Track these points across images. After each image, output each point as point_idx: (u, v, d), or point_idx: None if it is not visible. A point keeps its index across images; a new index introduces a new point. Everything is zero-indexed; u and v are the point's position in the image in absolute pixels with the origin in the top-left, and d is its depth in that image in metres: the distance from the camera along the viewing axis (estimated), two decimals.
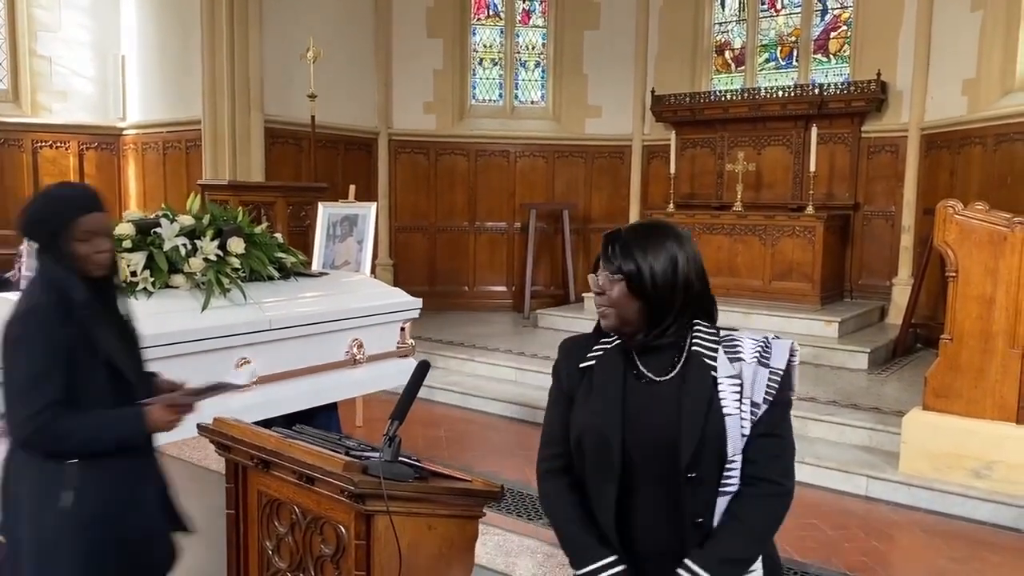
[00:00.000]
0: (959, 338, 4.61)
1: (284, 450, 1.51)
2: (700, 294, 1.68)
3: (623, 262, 1.63)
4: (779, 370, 1.62)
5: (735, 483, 1.59)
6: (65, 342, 1.98)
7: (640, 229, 1.71)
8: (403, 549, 1.44)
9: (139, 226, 3.16)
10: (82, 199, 2.11)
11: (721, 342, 1.65)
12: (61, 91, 8.69)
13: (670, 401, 1.61)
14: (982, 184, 6.94)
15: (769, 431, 1.61)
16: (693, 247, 1.70)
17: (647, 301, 1.62)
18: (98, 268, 2.08)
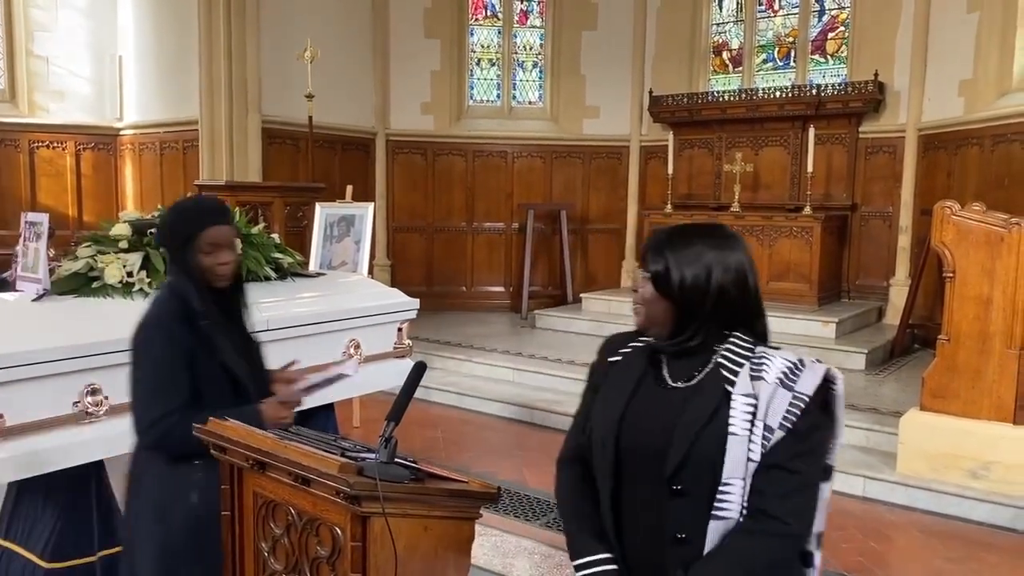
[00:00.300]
0: (956, 338, 4.61)
1: (279, 451, 1.51)
2: (738, 304, 1.57)
3: (653, 261, 1.59)
4: (804, 395, 1.47)
5: (731, 508, 1.47)
6: (186, 347, 2.08)
7: (682, 230, 1.63)
8: (399, 551, 1.43)
9: (135, 227, 3.15)
10: (207, 213, 2.19)
11: (751, 358, 1.53)
12: (58, 91, 8.68)
13: (674, 409, 1.54)
14: (979, 185, 6.95)
15: (781, 463, 1.46)
16: (739, 256, 1.58)
17: (674, 304, 1.56)
18: (220, 279, 2.17)
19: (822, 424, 1.52)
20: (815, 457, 1.51)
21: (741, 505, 1.46)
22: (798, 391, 1.48)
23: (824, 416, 1.53)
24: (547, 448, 5.42)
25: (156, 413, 2.04)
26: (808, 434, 1.47)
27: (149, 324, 2.15)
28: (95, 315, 2.83)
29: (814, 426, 1.49)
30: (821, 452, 1.53)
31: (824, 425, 1.53)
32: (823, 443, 1.53)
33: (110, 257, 2.98)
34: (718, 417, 1.49)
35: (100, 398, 2.74)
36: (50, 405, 2.61)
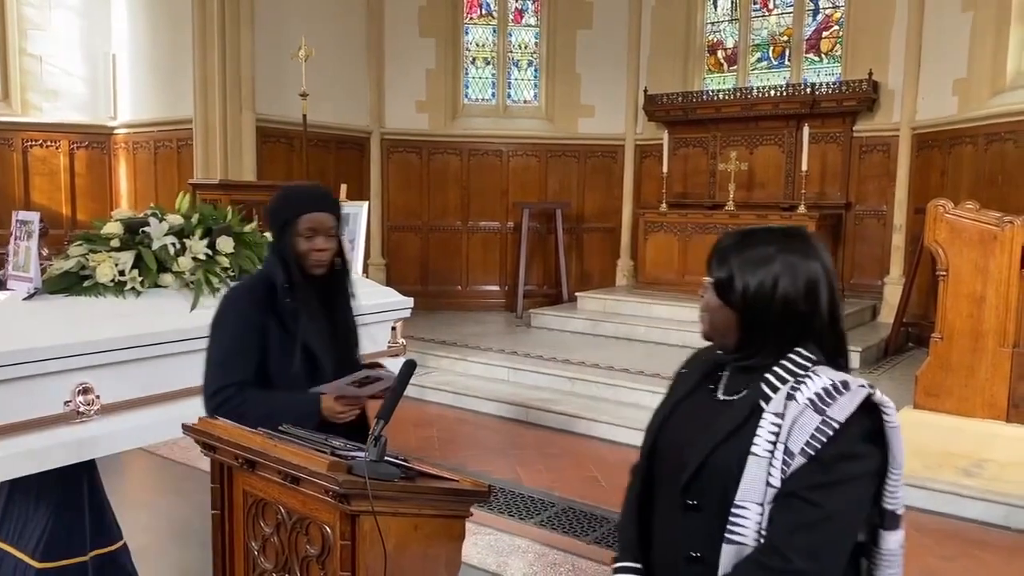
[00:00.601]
0: (949, 337, 4.63)
1: (269, 450, 1.50)
2: (807, 319, 1.44)
3: (717, 267, 1.49)
4: (834, 421, 1.32)
5: (746, 534, 1.35)
6: (258, 325, 2.14)
7: (752, 234, 1.51)
8: (389, 549, 1.43)
9: (128, 225, 3.14)
10: (308, 198, 2.22)
11: (800, 376, 1.40)
12: (51, 90, 8.65)
13: (710, 422, 1.45)
14: (973, 183, 6.97)
15: (798, 492, 1.32)
16: (812, 265, 1.44)
17: (738, 313, 1.45)
18: (316, 265, 2.18)
19: (859, 455, 1.35)
20: (842, 491, 1.33)
21: (758, 532, 1.35)
22: (829, 415, 1.33)
23: (867, 447, 1.36)
24: (542, 447, 5.42)
25: (215, 385, 2.13)
26: (833, 464, 1.32)
27: (226, 300, 2.25)
28: (86, 314, 2.81)
29: (843, 456, 1.33)
30: (853, 487, 1.35)
31: (863, 457, 1.35)
32: (856, 478, 1.35)
33: (102, 256, 2.96)
34: (742, 433, 1.39)
35: (92, 397, 2.72)
36: (41, 404, 2.59)
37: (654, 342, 7.41)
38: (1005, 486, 4.31)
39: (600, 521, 4.19)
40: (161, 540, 3.90)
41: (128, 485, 4.69)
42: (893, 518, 1.41)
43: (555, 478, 4.82)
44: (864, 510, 1.38)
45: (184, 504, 4.26)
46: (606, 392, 6.17)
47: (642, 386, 6.07)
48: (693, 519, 1.43)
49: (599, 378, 6.28)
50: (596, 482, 4.78)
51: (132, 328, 2.84)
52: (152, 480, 4.87)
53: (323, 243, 2.17)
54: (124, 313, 2.85)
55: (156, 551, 3.71)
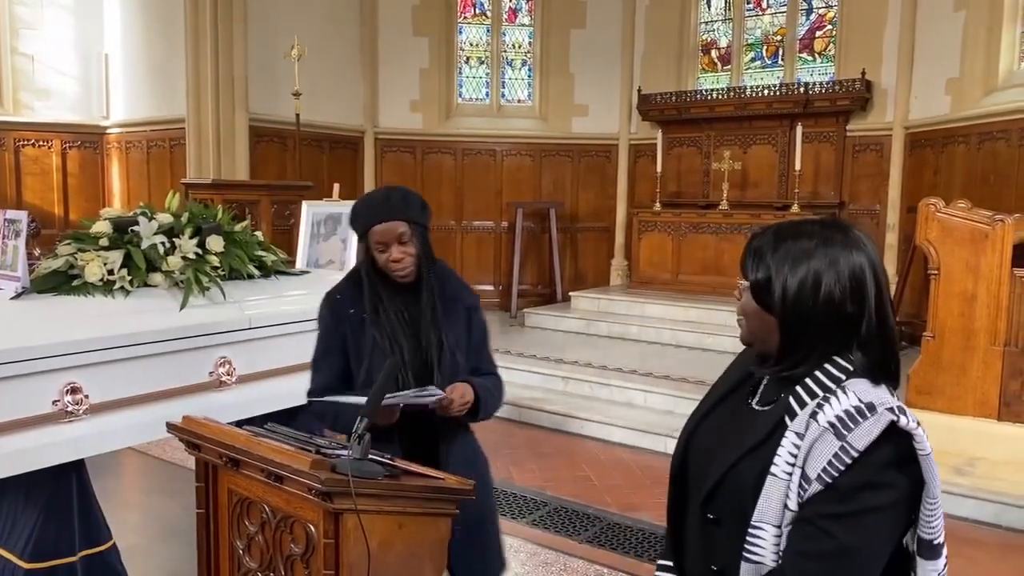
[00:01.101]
0: (941, 335, 4.64)
1: (253, 448, 1.50)
2: (855, 320, 1.31)
3: (753, 267, 1.36)
4: (853, 449, 1.22)
5: (762, 554, 1.28)
6: (337, 331, 2.18)
7: (789, 227, 1.38)
8: (372, 547, 1.42)
9: (117, 224, 3.13)
10: (369, 211, 2.14)
11: (831, 390, 1.30)
12: (43, 89, 8.62)
13: (737, 433, 1.37)
14: (965, 182, 6.99)
15: (814, 520, 1.24)
16: (857, 259, 1.32)
17: (778, 319, 1.33)
18: (397, 275, 2.13)
19: (882, 485, 1.24)
20: (861, 523, 1.24)
21: (776, 553, 1.27)
22: (848, 442, 1.22)
23: (892, 475, 1.25)
24: (534, 446, 5.42)
25: (310, 386, 2.23)
26: (853, 494, 1.22)
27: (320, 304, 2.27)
28: (75, 313, 2.80)
29: (864, 486, 1.23)
30: (874, 519, 1.24)
31: (886, 486, 1.24)
32: (878, 508, 1.24)
33: (90, 255, 2.94)
34: (763, 449, 1.31)
35: (80, 397, 2.71)
36: (28, 404, 2.58)
37: (648, 341, 7.41)
38: (996, 484, 4.32)
39: (592, 520, 4.19)
40: (150, 540, 3.89)
41: (118, 485, 4.68)
42: (931, 548, 1.30)
43: (548, 477, 4.82)
44: (888, 542, 1.28)
45: (174, 504, 4.24)
46: (599, 392, 6.17)
47: (635, 385, 6.07)
48: (714, 532, 1.37)
49: (592, 377, 6.28)
50: (589, 481, 4.78)
51: (121, 327, 2.83)
52: (143, 480, 4.85)
53: (397, 253, 2.10)
54: (113, 312, 2.84)
55: (145, 551, 3.70)
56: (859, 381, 1.29)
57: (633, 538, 3.99)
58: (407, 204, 2.13)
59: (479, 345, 2.29)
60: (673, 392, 5.88)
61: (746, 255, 1.39)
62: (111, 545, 2.96)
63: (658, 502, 4.44)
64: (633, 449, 5.38)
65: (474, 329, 2.27)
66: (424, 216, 2.18)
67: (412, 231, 2.11)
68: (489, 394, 2.19)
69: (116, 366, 2.79)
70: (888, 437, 1.24)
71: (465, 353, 2.21)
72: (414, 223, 2.12)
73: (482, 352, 2.30)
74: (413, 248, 2.12)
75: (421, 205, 2.18)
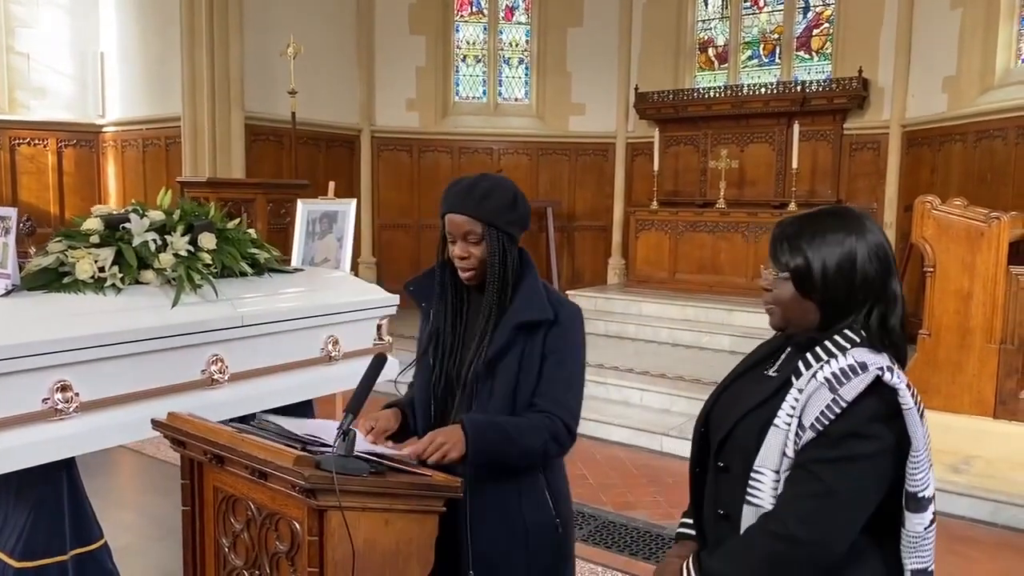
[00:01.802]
0: (937, 333, 4.63)
1: (237, 445, 1.48)
2: (880, 294, 1.45)
3: (791, 255, 1.46)
4: (843, 399, 1.36)
5: (762, 497, 1.42)
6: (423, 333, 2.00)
7: (811, 216, 1.50)
8: (358, 545, 1.41)
9: (108, 221, 3.11)
10: (446, 196, 1.90)
11: (836, 356, 1.43)
12: (39, 88, 8.60)
13: (752, 395, 1.51)
14: (962, 181, 6.98)
15: (806, 464, 1.38)
16: (878, 237, 1.46)
17: (817, 302, 1.45)
18: (461, 272, 1.90)
19: (868, 435, 1.37)
20: (847, 468, 1.36)
21: (774, 497, 1.42)
22: (840, 394, 1.37)
23: (878, 427, 1.37)
24: None
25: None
26: (841, 441, 1.36)
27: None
28: (65, 310, 2.78)
29: (851, 434, 1.36)
30: (859, 466, 1.37)
31: (872, 437, 1.37)
32: (863, 456, 1.37)
33: (81, 252, 2.93)
34: (769, 405, 1.45)
35: (70, 395, 2.70)
36: (18, 402, 2.56)
37: (644, 340, 7.39)
38: (992, 482, 4.32)
39: (588, 519, 4.18)
40: (142, 538, 3.88)
41: (112, 483, 4.66)
42: (915, 500, 1.42)
43: None
44: (872, 491, 1.40)
45: (167, 502, 4.22)
46: (596, 390, 6.16)
47: (631, 384, 6.06)
48: (723, 480, 1.51)
49: (589, 376, 6.22)
50: (584, 480, 4.77)
51: (112, 325, 2.81)
52: (135, 478, 4.84)
53: (460, 250, 1.87)
54: (103, 310, 2.82)
55: (137, 549, 3.69)
56: (862, 349, 1.42)
57: (628, 537, 3.98)
58: (487, 201, 1.84)
59: (549, 376, 1.89)
60: (670, 391, 5.87)
61: (778, 245, 1.49)
62: (102, 544, 2.95)
63: (654, 501, 4.46)
64: (629, 448, 5.37)
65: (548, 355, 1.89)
66: (507, 219, 1.87)
67: (485, 232, 1.84)
68: (503, 439, 1.77)
69: (107, 364, 2.78)
70: (874, 391, 1.37)
71: (515, 386, 1.85)
72: (489, 224, 1.84)
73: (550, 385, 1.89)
74: (480, 251, 1.86)
75: (508, 206, 1.87)
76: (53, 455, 2.68)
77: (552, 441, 1.83)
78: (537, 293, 1.90)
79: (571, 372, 1.93)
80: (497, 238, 1.86)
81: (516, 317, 1.84)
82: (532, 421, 1.82)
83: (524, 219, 1.92)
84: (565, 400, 1.88)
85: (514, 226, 1.89)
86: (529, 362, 1.85)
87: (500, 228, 1.86)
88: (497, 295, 1.87)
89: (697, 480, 1.63)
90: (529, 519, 1.85)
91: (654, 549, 3.85)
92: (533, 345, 1.86)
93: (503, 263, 1.87)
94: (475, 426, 1.73)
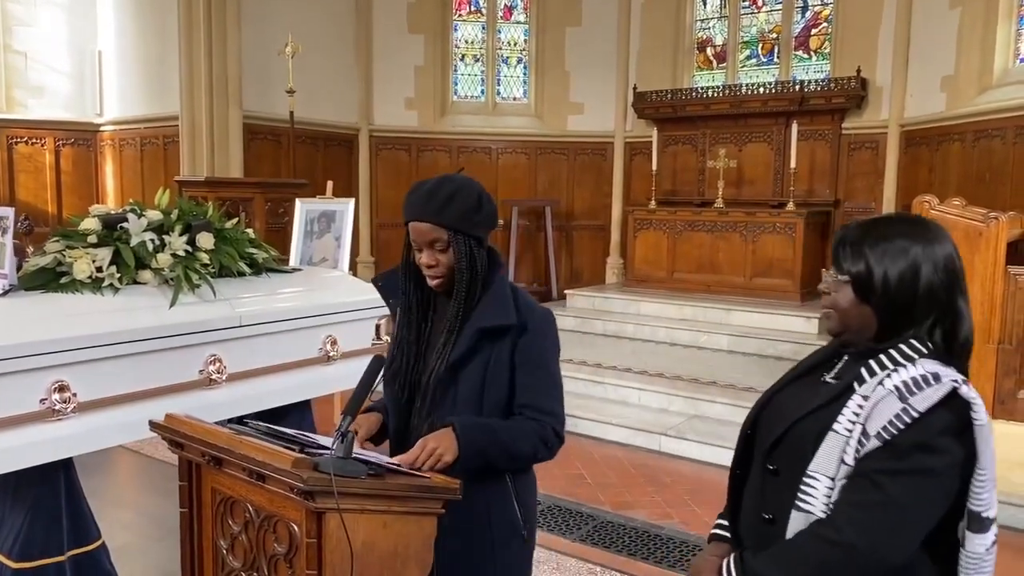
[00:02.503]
0: None
1: (235, 447, 1.48)
2: (945, 307, 1.41)
3: (852, 260, 1.43)
4: (915, 410, 1.31)
5: (814, 504, 1.38)
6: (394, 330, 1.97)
7: (878, 222, 1.47)
8: (356, 547, 1.41)
9: (105, 221, 3.11)
10: (410, 205, 1.85)
11: (900, 364, 1.39)
12: (37, 86, 8.60)
13: (808, 399, 1.47)
14: (961, 180, 6.98)
15: (868, 473, 1.33)
16: (948, 248, 1.42)
17: (876, 310, 1.42)
18: (430, 280, 1.86)
19: (937, 449, 1.32)
20: (911, 481, 1.32)
21: (827, 505, 1.37)
22: (911, 404, 1.32)
23: (948, 441, 1.32)
24: None
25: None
26: (908, 453, 1.31)
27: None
28: (63, 311, 2.78)
29: (920, 446, 1.31)
30: (925, 480, 1.32)
31: (941, 451, 1.32)
32: (930, 471, 1.32)
33: (78, 252, 2.92)
34: (828, 410, 1.41)
35: (68, 395, 2.70)
36: (15, 402, 2.56)
37: (642, 339, 7.39)
38: None
39: (585, 519, 4.18)
40: (140, 538, 3.88)
41: (110, 483, 4.66)
42: (978, 520, 1.37)
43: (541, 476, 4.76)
44: (936, 506, 1.35)
45: (166, 502, 4.22)
46: (594, 390, 6.16)
47: (629, 383, 6.06)
48: (772, 483, 1.47)
49: (587, 376, 6.27)
50: (582, 480, 4.77)
51: (109, 325, 2.81)
52: (134, 478, 4.83)
53: (427, 258, 1.83)
54: (101, 310, 2.82)
55: (135, 550, 3.68)
56: (931, 360, 1.39)
57: (626, 536, 3.98)
58: (450, 206, 1.79)
59: (527, 385, 1.84)
60: (667, 390, 5.88)
61: (841, 250, 1.46)
62: (100, 544, 2.95)
63: (652, 500, 4.46)
64: (627, 447, 5.37)
65: (520, 358, 1.84)
66: (473, 222, 1.82)
67: (450, 239, 1.80)
68: (493, 442, 1.75)
69: (104, 364, 2.78)
70: (948, 403, 1.32)
71: (480, 391, 1.82)
72: (455, 231, 1.80)
73: (532, 395, 1.84)
74: (447, 258, 1.82)
75: (472, 208, 1.82)
76: (51, 456, 2.68)
77: (542, 445, 1.83)
78: (503, 298, 1.85)
79: (550, 379, 1.88)
80: (465, 243, 1.81)
81: (479, 322, 1.80)
82: (523, 426, 1.81)
83: (491, 218, 1.88)
84: (551, 407, 1.85)
85: (481, 228, 1.85)
86: (497, 368, 1.82)
87: (466, 233, 1.81)
88: (463, 300, 1.83)
89: (737, 482, 1.61)
90: (496, 530, 1.84)
91: (652, 549, 3.85)
92: (500, 351, 1.82)
93: (471, 268, 1.83)
94: (466, 429, 1.71)
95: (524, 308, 1.86)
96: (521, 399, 1.83)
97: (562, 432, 1.87)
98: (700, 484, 4.71)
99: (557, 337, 1.93)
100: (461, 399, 1.80)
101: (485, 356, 1.81)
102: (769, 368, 6.36)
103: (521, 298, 1.89)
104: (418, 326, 1.91)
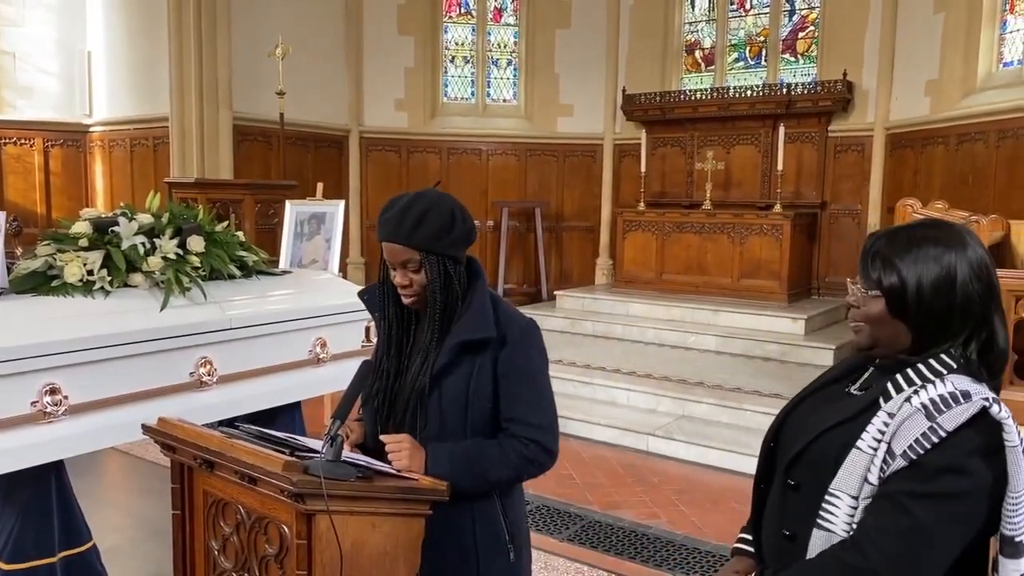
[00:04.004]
0: None
1: (226, 450, 1.51)
2: (979, 316, 1.34)
3: (883, 273, 1.36)
4: (942, 430, 1.25)
5: (835, 523, 1.33)
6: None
7: (908, 230, 1.39)
8: (345, 549, 1.45)
9: (96, 224, 3.13)
10: (382, 225, 1.80)
11: (928, 379, 1.33)
12: (26, 87, 8.57)
13: (831, 412, 1.42)
14: (944, 183, 7.07)
15: (894, 495, 1.27)
16: (980, 252, 1.35)
17: (911, 323, 1.35)
18: (404, 299, 1.83)
19: (966, 471, 1.25)
20: (940, 505, 1.25)
21: (849, 524, 1.32)
22: (939, 422, 1.25)
23: (977, 463, 1.26)
24: None
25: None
26: (936, 475, 1.25)
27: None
28: (54, 314, 2.80)
29: (948, 468, 1.25)
30: (954, 503, 1.26)
31: (970, 473, 1.25)
32: (959, 494, 1.25)
33: (70, 255, 2.94)
34: (851, 425, 1.35)
35: (59, 398, 2.72)
36: (6, 405, 2.58)
37: (631, 340, 7.45)
38: None
39: (573, 519, 4.22)
40: (132, 540, 3.90)
41: (101, 484, 4.67)
42: (1012, 544, 1.28)
43: None
44: (963, 532, 1.28)
45: (157, 504, 4.24)
46: (582, 390, 6.20)
47: (618, 384, 6.11)
48: (792, 499, 1.42)
49: (576, 376, 6.31)
50: (570, 480, 4.81)
51: (100, 328, 2.83)
52: (125, 480, 4.85)
53: (400, 278, 1.79)
54: (92, 313, 2.84)
55: (127, 551, 3.70)
56: (961, 376, 1.32)
57: (615, 536, 4.02)
58: (421, 227, 1.75)
59: (512, 397, 1.80)
60: (655, 391, 5.92)
61: (869, 259, 1.39)
62: (91, 546, 2.97)
63: (640, 500, 4.50)
64: (615, 447, 5.42)
65: (504, 376, 1.80)
66: (446, 242, 1.78)
67: (423, 260, 1.76)
68: (464, 472, 1.72)
69: (96, 367, 2.80)
70: (977, 423, 1.26)
71: (464, 406, 1.79)
72: (427, 251, 1.76)
73: (517, 408, 1.80)
74: (421, 278, 1.78)
75: (444, 228, 1.77)
76: (42, 458, 2.70)
77: (528, 465, 1.79)
78: (483, 310, 1.81)
79: (536, 390, 1.83)
80: (438, 263, 1.78)
81: (458, 336, 1.77)
82: (505, 449, 1.77)
83: (467, 235, 1.84)
84: (538, 420, 1.80)
85: (455, 247, 1.81)
86: (480, 381, 1.78)
87: (439, 253, 1.78)
88: (439, 320, 1.81)
89: (760, 496, 1.55)
90: (481, 545, 1.81)
91: (640, 549, 3.89)
92: (482, 363, 1.79)
93: (445, 288, 1.80)
94: (437, 461, 1.70)
95: (504, 319, 1.83)
96: (507, 412, 1.79)
97: (553, 446, 1.82)
98: (687, 484, 4.77)
99: (543, 346, 1.89)
100: (448, 412, 1.78)
101: (467, 369, 1.78)
102: (756, 368, 6.43)
103: (502, 309, 1.86)
104: (399, 342, 1.88)
